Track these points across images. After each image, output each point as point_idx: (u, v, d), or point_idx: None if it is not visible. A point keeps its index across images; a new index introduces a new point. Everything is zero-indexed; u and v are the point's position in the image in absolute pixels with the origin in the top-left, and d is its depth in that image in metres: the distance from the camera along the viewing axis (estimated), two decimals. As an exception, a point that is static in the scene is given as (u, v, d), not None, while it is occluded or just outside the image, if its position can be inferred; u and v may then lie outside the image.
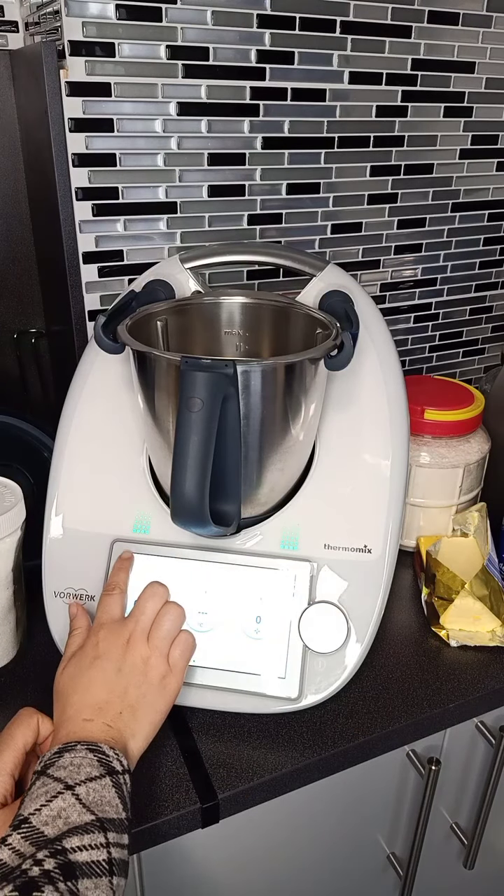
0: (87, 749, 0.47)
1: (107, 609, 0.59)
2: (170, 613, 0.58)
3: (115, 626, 0.57)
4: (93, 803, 0.44)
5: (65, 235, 0.79)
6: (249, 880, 0.69)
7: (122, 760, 0.48)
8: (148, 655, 0.55)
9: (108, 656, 0.54)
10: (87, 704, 0.52)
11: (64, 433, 0.66)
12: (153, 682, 0.54)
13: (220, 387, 0.51)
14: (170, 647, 0.57)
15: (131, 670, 0.54)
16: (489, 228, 1.09)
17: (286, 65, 0.84)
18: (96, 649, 0.55)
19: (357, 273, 1.01)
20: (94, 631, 0.57)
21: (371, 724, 0.61)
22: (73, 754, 0.47)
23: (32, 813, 0.43)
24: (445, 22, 0.90)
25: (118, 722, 0.51)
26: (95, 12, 0.73)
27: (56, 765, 0.46)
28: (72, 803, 0.43)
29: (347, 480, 0.63)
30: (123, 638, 0.56)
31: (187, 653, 0.58)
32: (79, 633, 0.59)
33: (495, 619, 0.70)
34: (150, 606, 0.58)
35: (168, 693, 0.55)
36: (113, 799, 0.45)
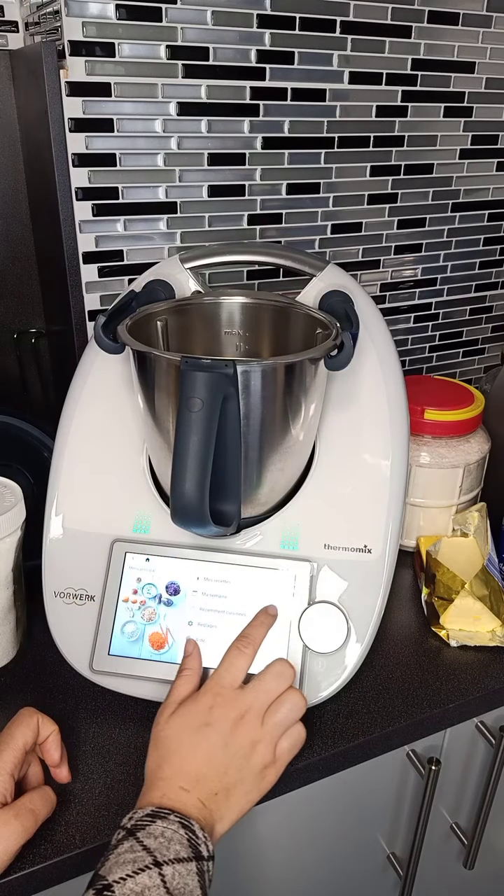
0: (181, 824, 0.46)
1: (231, 669, 0.55)
2: (291, 701, 0.54)
3: (233, 696, 0.53)
4: (176, 889, 0.43)
5: (65, 235, 0.79)
6: (249, 880, 0.69)
7: (208, 845, 0.46)
8: (258, 739, 0.52)
9: (218, 728, 0.51)
10: (186, 771, 0.50)
11: (64, 433, 0.66)
12: (255, 768, 0.51)
13: (220, 387, 0.51)
14: (280, 736, 0.53)
15: (237, 751, 0.51)
16: (489, 228, 1.09)
17: (286, 65, 0.84)
18: (209, 715, 0.52)
19: (357, 273, 1.01)
20: (211, 690, 0.54)
21: (371, 724, 0.61)
22: (165, 824, 0.45)
23: (116, 881, 0.42)
24: (445, 22, 0.90)
25: (211, 802, 0.49)
26: (95, 12, 0.73)
27: (147, 830, 0.45)
28: (157, 884, 0.42)
29: (347, 480, 0.63)
30: (239, 712, 0.52)
31: (295, 749, 0.54)
32: (190, 677, 0.56)
33: (495, 619, 0.70)
34: (274, 687, 0.54)
35: (264, 785, 0.52)
36: (195, 889, 0.44)
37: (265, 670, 0.55)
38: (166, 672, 0.59)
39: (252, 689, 0.54)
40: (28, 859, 0.50)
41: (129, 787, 0.55)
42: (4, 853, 0.47)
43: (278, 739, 0.53)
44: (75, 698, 0.63)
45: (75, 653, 0.62)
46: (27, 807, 0.49)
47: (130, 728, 0.60)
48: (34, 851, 0.51)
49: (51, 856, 0.51)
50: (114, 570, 0.62)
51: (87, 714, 0.62)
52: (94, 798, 0.55)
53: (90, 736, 0.60)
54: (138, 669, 0.60)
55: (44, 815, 0.50)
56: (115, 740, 0.59)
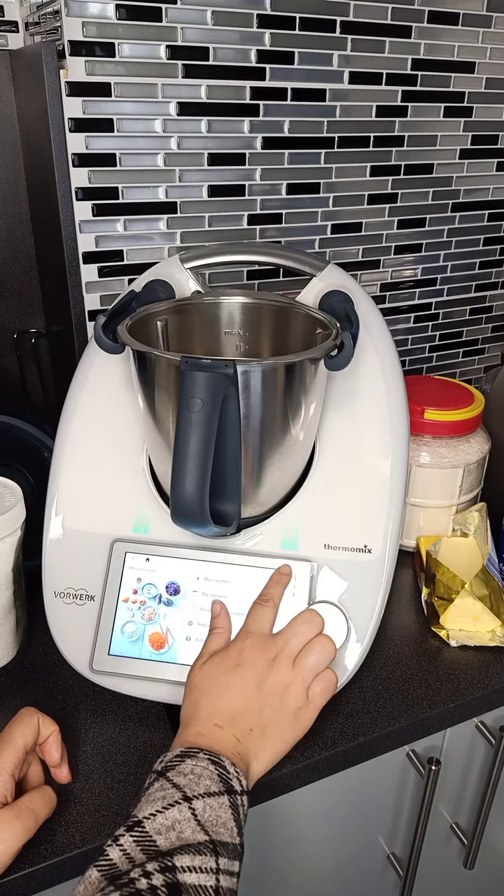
0: (210, 760, 0.46)
1: (258, 619, 0.57)
2: (321, 645, 0.55)
3: (263, 640, 0.55)
4: (208, 822, 0.43)
5: (65, 235, 0.79)
6: (249, 880, 0.69)
7: (241, 780, 0.46)
8: (290, 681, 0.53)
9: (252, 668, 0.53)
10: (221, 709, 0.50)
11: (64, 433, 0.66)
12: (289, 709, 0.52)
13: (220, 387, 0.51)
14: (312, 679, 0.54)
15: (271, 690, 0.52)
16: (489, 228, 1.09)
17: (286, 65, 0.84)
18: (241, 656, 0.53)
19: (357, 273, 1.01)
20: (241, 637, 0.55)
21: (371, 724, 0.61)
22: (195, 762, 0.46)
23: (147, 817, 0.42)
24: (445, 22, 0.90)
25: (247, 739, 0.50)
26: (95, 12, 0.73)
27: (176, 769, 0.45)
28: (187, 817, 0.42)
29: (347, 480, 0.63)
30: (270, 655, 0.54)
31: (328, 691, 0.54)
32: (220, 634, 0.57)
33: (495, 619, 0.70)
34: (303, 632, 0.56)
35: (300, 726, 0.53)
36: (228, 820, 0.44)
37: (294, 618, 0.57)
38: (166, 672, 0.59)
39: (282, 634, 0.55)
40: (28, 859, 0.50)
41: (129, 786, 0.55)
42: (5, 853, 0.47)
43: (311, 683, 0.54)
44: (75, 698, 0.63)
45: (75, 653, 0.62)
46: (28, 807, 0.49)
47: (130, 728, 0.60)
48: (34, 851, 0.51)
49: (51, 856, 0.51)
50: (114, 570, 0.62)
51: (88, 714, 0.62)
52: (94, 798, 0.55)
53: (90, 736, 0.60)
54: (138, 669, 0.60)
55: (44, 815, 0.50)
56: (115, 740, 0.59)
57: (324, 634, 0.56)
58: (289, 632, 0.56)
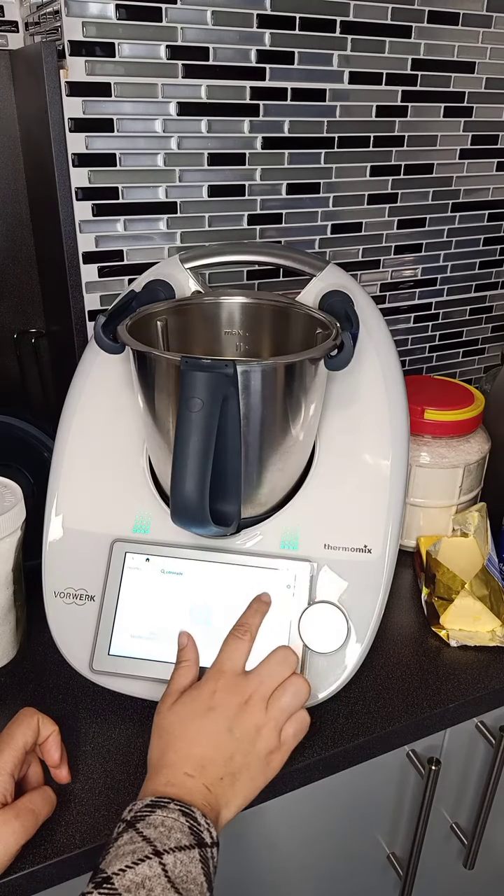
0: (181, 811, 0.45)
1: (232, 656, 0.55)
2: (295, 686, 0.54)
3: (236, 681, 0.53)
4: (178, 878, 0.42)
5: (65, 235, 0.79)
6: (249, 880, 0.69)
7: (212, 832, 0.46)
8: (262, 724, 0.52)
9: (223, 712, 0.51)
10: (191, 757, 0.49)
11: (64, 433, 0.66)
12: (260, 753, 0.51)
13: (220, 387, 0.51)
14: (285, 721, 0.53)
15: (242, 735, 0.51)
16: (489, 228, 1.09)
17: (286, 65, 0.84)
18: (212, 699, 0.52)
19: (357, 273, 1.01)
20: (213, 677, 0.54)
21: (371, 724, 0.61)
22: (165, 813, 0.45)
23: (116, 873, 0.41)
24: (445, 22, 0.90)
25: (217, 787, 0.49)
26: (95, 12, 0.73)
27: (146, 821, 0.44)
28: (158, 873, 0.42)
29: (347, 480, 0.63)
30: (243, 697, 0.52)
31: (300, 734, 0.54)
32: (188, 668, 0.56)
33: (495, 619, 0.70)
34: (277, 672, 0.54)
35: (270, 769, 0.52)
36: (199, 876, 0.43)
37: (268, 657, 0.55)
38: (166, 672, 0.59)
39: (255, 674, 0.54)
40: (28, 859, 0.50)
41: (129, 787, 0.55)
42: (5, 853, 0.47)
43: (283, 725, 0.53)
44: (75, 698, 0.63)
45: (75, 653, 0.62)
46: (27, 807, 0.49)
47: (130, 728, 0.60)
48: (34, 851, 0.51)
49: (51, 856, 0.51)
50: (114, 570, 0.62)
51: (87, 714, 0.62)
52: (94, 798, 0.55)
53: (90, 736, 0.60)
54: (138, 669, 0.60)
55: (44, 815, 0.50)
56: (115, 740, 0.59)
57: (298, 674, 0.55)
58: (263, 672, 0.54)
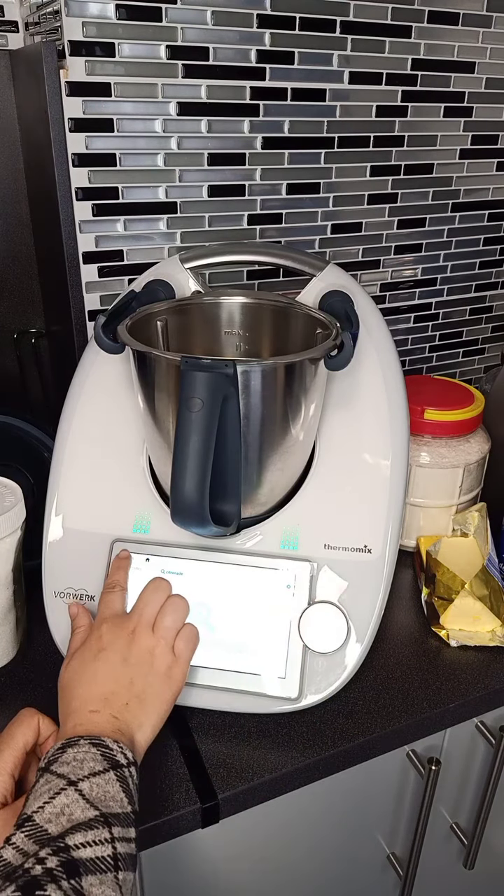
0: (91, 744, 0.47)
1: (108, 605, 0.59)
2: (174, 604, 0.58)
3: (118, 620, 0.57)
4: (96, 799, 0.44)
5: (65, 235, 0.79)
6: (249, 880, 0.69)
7: (126, 753, 0.48)
8: (153, 645, 0.55)
9: (113, 647, 0.54)
10: (93, 696, 0.51)
11: (64, 433, 0.66)
12: (159, 671, 0.54)
13: (220, 387, 0.51)
14: (175, 638, 0.57)
15: (137, 660, 0.54)
16: (489, 228, 1.09)
17: (286, 65, 0.84)
18: (100, 642, 0.55)
19: (357, 273, 1.01)
20: (96, 626, 0.57)
21: (371, 724, 0.61)
22: (76, 750, 0.46)
23: (35, 811, 0.43)
24: (445, 22, 0.90)
25: (125, 713, 0.51)
26: (95, 12, 0.73)
27: (59, 761, 0.46)
28: (75, 799, 0.43)
29: (347, 480, 0.63)
30: (128, 629, 0.56)
31: (192, 643, 0.58)
32: (81, 631, 0.59)
33: (495, 619, 0.70)
34: (154, 599, 0.58)
35: (174, 683, 0.55)
36: (117, 793, 0.45)
37: (143, 590, 0.59)
38: (166, 672, 0.59)
39: (135, 608, 0.58)
40: (28, 859, 0.50)
41: (129, 787, 0.55)
42: (4, 853, 0.47)
43: (174, 641, 0.56)
44: (75, 698, 0.63)
45: (75, 653, 0.62)
46: (27, 807, 0.49)
47: (130, 728, 0.60)
48: (34, 851, 0.51)
49: (51, 856, 0.51)
50: (114, 570, 0.62)
51: (87, 714, 0.62)
52: (94, 798, 0.55)
53: (90, 736, 0.60)
54: (138, 669, 0.60)
55: (43, 815, 0.51)
56: (115, 740, 0.59)
57: (174, 595, 0.59)
58: (140, 603, 0.58)
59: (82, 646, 0.56)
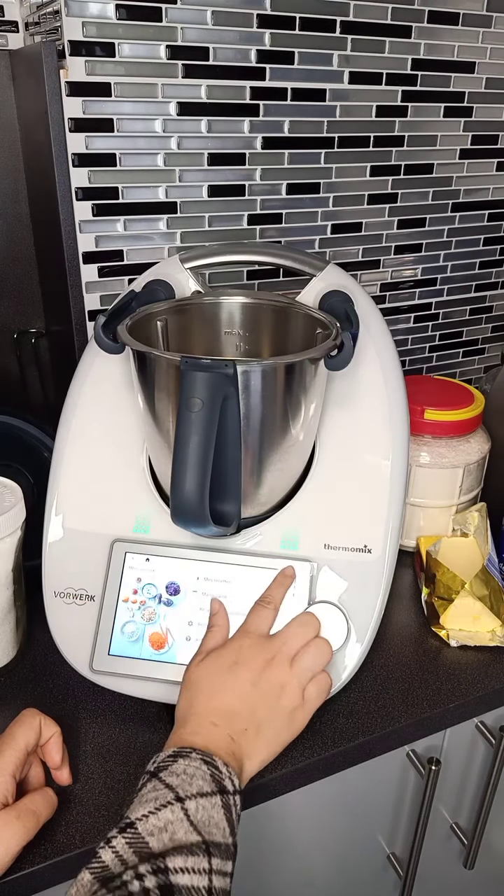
0: (203, 760, 0.46)
1: (257, 620, 0.57)
2: (318, 647, 0.56)
3: (261, 640, 0.55)
4: (200, 822, 0.43)
5: (65, 235, 0.79)
6: (249, 880, 0.69)
7: (234, 780, 0.46)
8: (286, 682, 0.53)
9: (249, 667, 0.53)
10: (216, 707, 0.50)
11: (64, 433, 0.66)
12: (284, 709, 0.52)
13: (220, 387, 0.51)
14: (308, 681, 0.55)
15: (267, 689, 0.52)
16: (489, 228, 1.09)
17: (286, 65, 0.84)
18: (238, 654, 0.54)
19: (357, 273, 1.01)
20: (239, 636, 0.56)
21: (371, 724, 0.61)
22: (187, 762, 0.46)
23: (139, 818, 0.42)
24: (445, 22, 0.90)
25: (242, 738, 0.50)
26: (95, 12, 0.73)
27: (169, 770, 0.45)
28: (180, 818, 0.42)
29: (347, 480, 0.63)
30: (268, 654, 0.54)
31: (323, 693, 0.55)
32: (218, 631, 0.58)
33: (495, 619, 0.70)
34: (301, 633, 0.56)
35: (294, 726, 0.53)
36: (221, 821, 0.44)
37: (292, 621, 0.57)
38: (166, 672, 0.59)
39: (280, 635, 0.56)
40: (28, 859, 0.50)
41: (129, 787, 0.55)
42: (6, 854, 0.47)
43: (306, 684, 0.54)
44: (75, 698, 0.63)
45: (75, 653, 0.62)
46: (29, 808, 0.49)
47: (130, 728, 0.60)
48: (34, 851, 0.51)
49: (51, 856, 0.51)
50: (114, 570, 0.62)
51: (88, 714, 0.62)
52: (94, 798, 0.55)
53: (90, 736, 0.60)
54: (138, 669, 0.60)
55: (45, 816, 0.50)
56: (116, 740, 0.59)
57: (321, 637, 0.57)
58: (286, 633, 0.56)
59: (220, 649, 0.55)
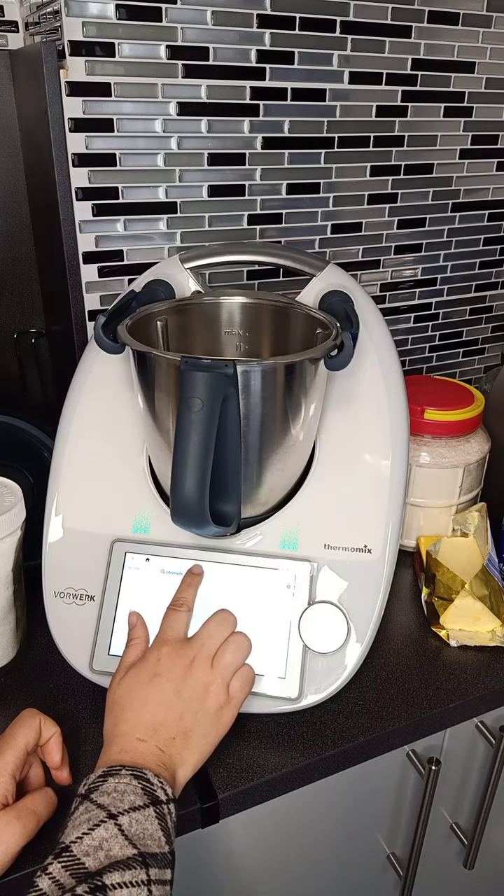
0: (132, 775, 0.46)
1: (172, 625, 0.57)
2: (237, 643, 0.56)
3: (179, 646, 0.55)
4: (135, 836, 0.43)
5: (65, 235, 0.79)
6: (249, 880, 0.69)
7: (166, 789, 0.47)
8: (209, 682, 0.53)
9: (169, 676, 0.53)
10: (141, 723, 0.50)
11: (64, 433, 0.66)
12: (210, 710, 0.53)
13: (220, 387, 0.51)
14: (231, 677, 0.55)
15: (191, 695, 0.52)
16: (489, 228, 1.09)
17: (286, 65, 0.84)
18: (157, 666, 0.53)
19: (357, 273, 1.01)
20: (156, 646, 0.55)
21: (371, 724, 0.61)
22: (117, 779, 0.46)
23: (74, 841, 0.42)
24: (445, 22, 0.90)
25: (170, 748, 0.50)
26: (95, 12, 0.73)
27: (100, 790, 0.45)
28: (114, 834, 0.42)
29: (347, 480, 0.63)
30: (187, 659, 0.54)
31: (247, 686, 0.56)
32: (137, 644, 0.57)
33: (495, 619, 0.70)
34: (219, 632, 0.56)
35: (222, 724, 0.53)
36: (156, 831, 0.44)
37: (207, 620, 0.57)
38: (166, 672, 0.59)
39: (197, 637, 0.56)
40: (28, 859, 0.50)
41: (129, 787, 0.55)
42: (6, 854, 0.47)
43: (230, 680, 0.55)
44: (75, 698, 0.63)
45: (75, 653, 0.62)
46: (29, 808, 0.49)
47: (130, 728, 0.60)
48: (34, 852, 0.51)
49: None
50: (114, 570, 0.62)
51: (88, 714, 0.62)
52: (94, 798, 0.55)
53: (90, 736, 0.60)
54: (138, 669, 0.60)
55: (45, 816, 0.50)
56: (116, 740, 0.59)
57: (238, 632, 0.57)
58: (204, 634, 0.56)
59: (139, 664, 0.55)
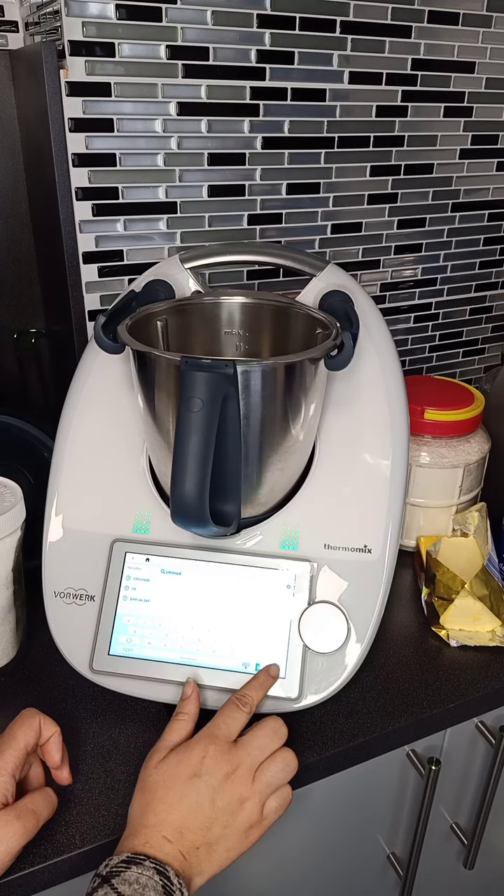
0: (156, 870, 0.45)
1: (228, 722, 0.54)
2: (283, 761, 0.53)
3: (227, 748, 0.52)
4: None
5: (65, 235, 0.79)
6: (249, 880, 0.69)
7: (184, 893, 0.46)
8: (247, 797, 0.51)
9: (209, 780, 0.50)
10: (170, 821, 0.49)
11: (64, 433, 0.66)
12: (240, 827, 0.51)
13: (220, 387, 0.51)
14: (269, 795, 0.53)
15: (225, 806, 0.50)
16: (489, 228, 1.09)
17: (286, 65, 0.84)
18: (200, 765, 0.51)
19: (357, 273, 1.01)
20: (204, 741, 0.52)
21: (371, 724, 0.61)
22: (140, 870, 0.45)
23: None
24: (445, 22, 0.90)
25: (192, 856, 0.49)
26: (95, 12, 0.73)
27: (121, 877, 0.45)
28: None
29: (347, 480, 0.63)
30: (231, 766, 0.51)
31: (282, 809, 0.53)
32: (184, 723, 0.55)
33: (495, 619, 0.70)
34: (268, 745, 0.54)
35: (248, 842, 0.51)
36: None
37: (259, 726, 0.55)
38: (166, 672, 0.59)
39: (245, 744, 0.53)
40: (28, 859, 0.50)
41: (129, 787, 0.55)
42: (6, 854, 0.47)
43: (267, 798, 0.52)
44: (75, 698, 0.63)
45: (75, 653, 0.62)
46: (29, 808, 0.49)
47: (131, 728, 0.60)
48: (34, 851, 0.51)
49: (51, 856, 0.51)
50: (114, 570, 0.62)
51: (88, 714, 0.62)
52: (94, 798, 0.55)
53: (90, 736, 0.60)
54: (138, 669, 0.60)
55: (45, 816, 0.50)
56: (116, 740, 0.59)
57: (287, 749, 0.54)
58: (254, 742, 0.53)
59: (181, 752, 0.52)
